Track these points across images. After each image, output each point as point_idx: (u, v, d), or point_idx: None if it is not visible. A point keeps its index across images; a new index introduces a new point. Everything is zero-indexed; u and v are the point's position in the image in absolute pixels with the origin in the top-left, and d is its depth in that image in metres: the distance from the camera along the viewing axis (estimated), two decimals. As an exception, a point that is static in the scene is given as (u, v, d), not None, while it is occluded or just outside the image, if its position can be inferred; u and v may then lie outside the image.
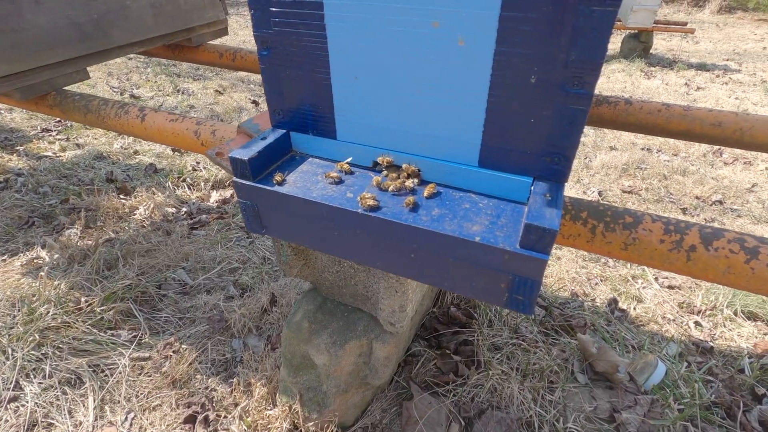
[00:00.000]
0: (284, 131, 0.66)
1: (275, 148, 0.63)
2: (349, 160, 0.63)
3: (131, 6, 1.32)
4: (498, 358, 1.35)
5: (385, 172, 0.61)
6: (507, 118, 0.50)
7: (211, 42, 1.68)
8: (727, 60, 6.37)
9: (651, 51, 6.40)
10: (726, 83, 5.13)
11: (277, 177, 0.60)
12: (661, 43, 7.43)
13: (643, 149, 3.28)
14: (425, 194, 0.58)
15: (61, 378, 1.26)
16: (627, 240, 0.66)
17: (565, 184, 0.56)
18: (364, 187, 0.59)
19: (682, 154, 3.23)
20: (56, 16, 1.14)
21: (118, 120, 1.08)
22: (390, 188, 0.57)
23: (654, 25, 5.76)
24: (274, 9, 0.55)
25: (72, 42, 1.20)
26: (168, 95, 4.02)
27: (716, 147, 3.31)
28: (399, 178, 0.59)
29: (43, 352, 1.30)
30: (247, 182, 0.60)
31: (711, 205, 2.59)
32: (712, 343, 1.53)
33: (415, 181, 0.58)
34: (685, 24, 6.26)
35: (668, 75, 5.40)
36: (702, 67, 5.84)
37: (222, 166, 0.77)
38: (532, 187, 0.52)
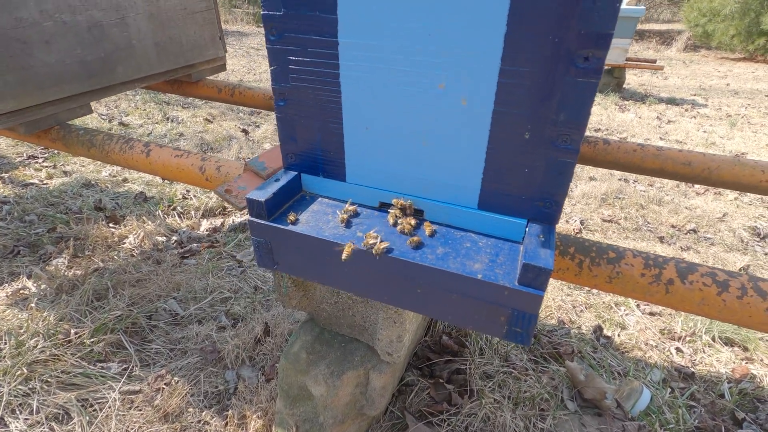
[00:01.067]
0: (296, 173, 0.70)
1: (288, 189, 0.68)
2: (350, 202, 0.67)
3: (136, 45, 1.37)
4: (490, 387, 1.37)
5: (392, 212, 0.65)
6: (504, 168, 0.56)
7: (209, 77, 1.74)
8: (695, 95, 6.77)
9: (624, 86, 6.76)
10: (694, 117, 5.44)
11: (291, 217, 0.64)
12: (633, 78, 7.86)
13: (620, 179, 3.43)
14: (427, 233, 0.63)
15: (49, 413, 1.23)
16: (611, 274, 0.72)
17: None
18: (372, 226, 0.64)
19: (657, 184, 3.39)
20: (65, 55, 1.19)
21: (122, 155, 1.11)
22: (398, 228, 0.62)
23: (626, 62, 6.11)
24: (292, 66, 0.61)
25: (78, 78, 1.24)
26: (157, 123, 4.04)
27: (688, 178, 3.49)
28: (405, 217, 0.64)
29: (31, 386, 1.27)
30: (263, 221, 0.64)
31: (686, 233, 2.71)
32: (693, 369, 1.59)
33: (419, 220, 0.63)
34: (655, 61, 6.65)
35: (641, 108, 5.70)
36: (672, 101, 6.19)
37: (231, 203, 0.80)
38: (527, 229, 0.58)
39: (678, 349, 1.70)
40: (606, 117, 5.21)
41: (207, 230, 2.36)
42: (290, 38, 0.58)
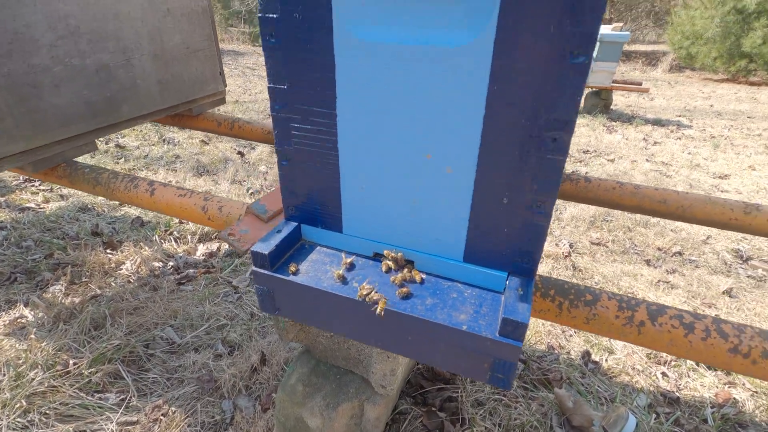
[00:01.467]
0: (296, 224, 0.76)
1: (289, 239, 0.73)
2: (345, 254, 0.73)
3: (141, 84, 1.43)
4: (481, 414, 1.41)
5: (385, 262, 0.71)
6: (486, 227, 0.62)
7: (209, 111, 1.81)
8: (680, 116, 6.96)
9: (611, 107, 6.95)
10: (680, 138, 5.59)
11: (292, 267, 0.69)
12: (620, 99, 8.07)
13: (608, 202, 3.51)
14: (417, 280, 0.68)
15: (47, 446, 1.25)
16: (588, 315, 0.78)
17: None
18: (366, 277, 0.69)
19: (643, 206, 3.49)
20: (73, 97, 1.24)
21: (127, 193, 1.16)
22: (390, 279, 0.67)
23: (612, 84, 6.30)
24: (295, 132, 0.66)
25: (84, 118, 1.29)
26: (153, 145, 4.10)
27: (673, 200, 3.59)
28: (398, 271, 0.69)
29: (29, 419, 1.29)
30: (266, 272, 0.69)
31: (672, 256, 2.79)
32: (678, 393, 1.64)
33: (409, 270, 0.69)
34: (641, 84, 6.86)
35: (628, 130, 5.85)
36: (658, 122, 6.36)
37: (234, 247, 0.85)
38: (507, 282, 0.63)
39: (664, 374, 1.75)
40: (594, 138, 5.35)
41: (203, 255, 2.40)
42: (293, 108, 0.64)
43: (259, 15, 0.59)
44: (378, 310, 0.64)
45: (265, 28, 0.59)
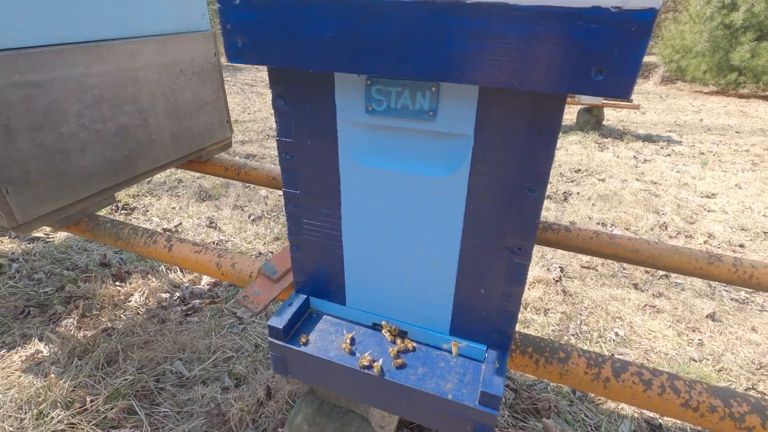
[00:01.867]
0: (305, 296, 0.87)
1: (299, 311, 0.84)
2: (345, 331, 0.84)
3: (156, 139, 1.55)
4: (474, 445, 1.51)
5: (383, 332, 0.82)
6: (467, 309, 0.73)
7: (217, 156, 1.92)
8: (670, 131, 7.12)
9: (603, 122, 7.10)
10: (669, 155, 5.74)
11: (303, 339, 0.80)
12: (612, 114, 8.23)
13: (598, 223, 3.64)
14: (410, 348, 0.79)
15: (69, 483, 1.34)
16: (561, 371, 0.89)
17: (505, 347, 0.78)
18: (367, 348, 0.80)
19: (632, 227, 3.61)
20: (95, 158, 1.35)
21: (146, 248, 1.27)
22: (388, 350, 0.78)
23: (603, 102, 6.46)
24: (305, 226, 0.78)
25: (106, 175, 1.40)
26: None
27: (662, 221, 3.71)
28: (393, 339, 0.80)
29: (51, 456, 1.38)
30: (281, 343, 0.80)
31: (658, 279, 2.90)
32: (660, 420, 1.74)
33: (402, 340, 0.80)
34: (632, 100, 7.03)
35: (619, 147, 6.00)
36: (648, 138, 6.52)
37: (249, 309, 0.96)
38: (486, 354, 0.74)
39: (647, 400, 1.85)
40: (586, 157, 5.49)
41: (208, 285, 2.49)
42: (305, 208, 0.76)
43: (277, 138, 0.71)
44: (375, 371, 0.75)
45: (282, 148, 0.70)
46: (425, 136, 0.64)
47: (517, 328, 2.25)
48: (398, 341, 0.80)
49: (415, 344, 0.80)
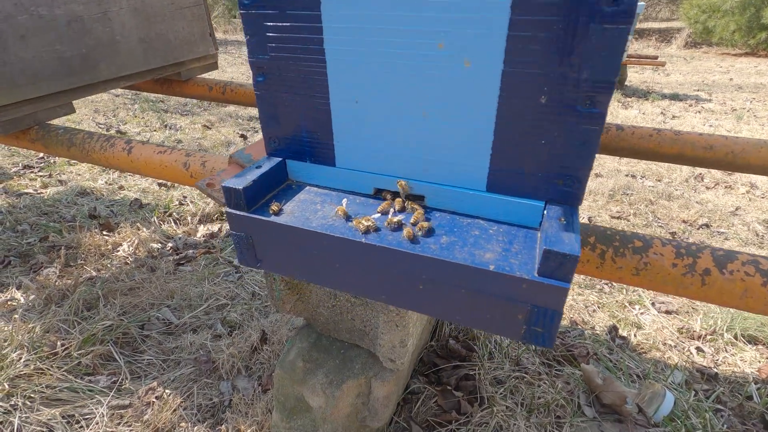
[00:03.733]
0: (280, 159, 0.63)
1: (271, 176, 0.60)
2: (344, 205, 0.60)
3: (120, 41, 1.31)
4: (501, 393, 1.29)
5: (394, 204, 0.58)
6: (516, 141, 0.48)
7: (200, 76, 1.68)
8: (698, 90, 6.68)
9: (626, 83, 6.68)
10: (699, 112, 5.35)
11: (274, 207, 0.57)
12: (634, 76, 7.78)
13: (627, 175, 3.34)
14: (425, 225, 0.55)
15: (32, 431, 1.16)
16: (638, 265, 0.64)
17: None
18: (365, 215, 0.56)
19: (665, 179, 3.31)
20: (42, 51, 1.12)
21: (103, 153, 1.05)
22: (395, 219, 0.54)
23: (627, 58, 6.03)
24: (270, 34, 0.54)
25: (57, 76, 1.17)
26: (155, 130, 4.00)
27: (698, 172, 3.39)
28: (404, 209, 0.56)
29: (12, 403, 1.20)
30: (241, 213, 0.56)
31: (698, 228, 2.62)
32: (716, 369, 1.50)
33: (419, 206, 0.56)
34: (656, 57, 6.58)
35: (644, 105, 5.62)
36: (675, 97, 6.11)
37: (213, 198, 0.73)
38: (545, 212, 0.50)
39: (698, 349, 1.61)
40: (609, 114, 5.12)
41: (204, 236, 2.30)
42: (267, 1, 0.51)
43: None
44: (359, 228, 0.52)
45: None
46: None
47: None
48: (412, 208, 0.56)
49: (437, 214, 0.56)
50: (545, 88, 0.44)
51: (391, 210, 0.57)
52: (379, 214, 0.56)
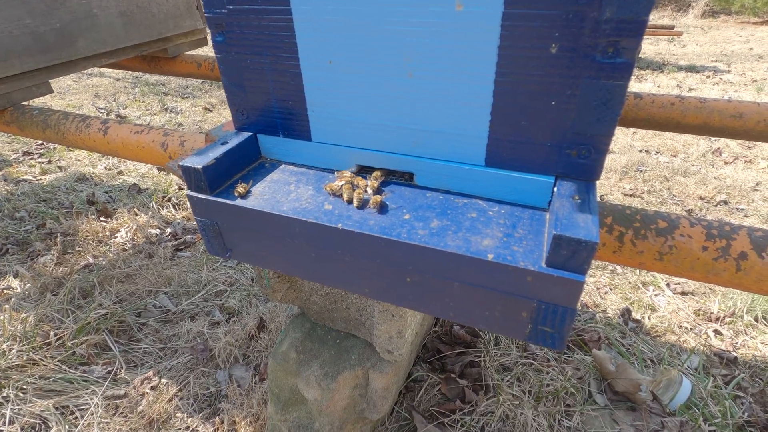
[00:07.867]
0: (250, 134, 0.55)
1: (239, 154, 0.53)
2: (338, 183, 0.52)
3: (99, 14, 1.22)
4: (508, 381, 1.23)
5: (375, 182, 0.50)
6: (520, 102, 0.40)
7: (188, 53, 1.59)
8: (716, 62, 6.39)
9: (640, 55, 6.42)
10: (717, 83, 5.12)
11: (240, 188, 0.50)
12: (649, 48, 7.47)
13: (641, 151, 3.21)
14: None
15: (24, 423, 1.13)
16: (662, 249, 0.56)
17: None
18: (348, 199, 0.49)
19: (681, 155, 3.17)
20: (11, 26, 1.04)
21: (79, 135, 0.98)
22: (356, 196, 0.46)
23: (642, 28, 5.77)
24: (230, -13, 0.45)
25: (31, 53, 1.10)
26: (156, 114, 3.94)
27: (715, 146, 3.24)
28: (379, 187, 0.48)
29: (4, 395, 1.17)
30: (203, 196, 0.49)
31: (716, 205, 2.51)
32: (735, 353, 1.42)
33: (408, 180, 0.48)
34: (672, 27, 6.30)
35: (659, 78, 5.40)
36: (691, 69, 5.86)
37: (183, 178, 0.66)
38: (555, 189, 0.42)
39: (716, 332, 1.53)
40: (622, 87, 4.93)
41: (203, 221, 2.25)
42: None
43: None
44: (371, 205, 0.44)
45: None
46: None
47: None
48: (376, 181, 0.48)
49: (429, 194, 0.48)
50: (556, 34, 0.35)
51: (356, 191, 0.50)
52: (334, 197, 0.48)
